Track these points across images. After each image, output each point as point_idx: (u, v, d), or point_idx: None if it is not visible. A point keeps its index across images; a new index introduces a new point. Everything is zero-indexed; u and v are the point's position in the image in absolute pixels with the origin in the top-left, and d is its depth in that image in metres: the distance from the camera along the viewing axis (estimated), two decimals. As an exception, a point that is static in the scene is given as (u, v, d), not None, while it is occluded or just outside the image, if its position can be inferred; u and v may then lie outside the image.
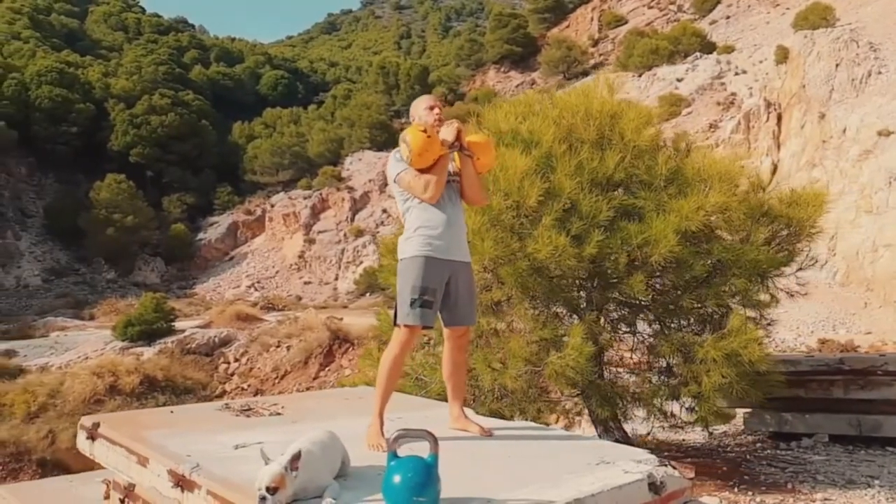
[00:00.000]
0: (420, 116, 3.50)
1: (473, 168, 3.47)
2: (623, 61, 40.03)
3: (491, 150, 3.56)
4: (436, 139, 3.28)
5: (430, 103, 3.57)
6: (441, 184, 3.32)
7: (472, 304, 3.48)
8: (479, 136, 3.65)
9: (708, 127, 32.51)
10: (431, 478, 2.26)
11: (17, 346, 26.29)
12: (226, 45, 75.12)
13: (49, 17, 64.13)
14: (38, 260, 40.99)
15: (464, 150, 3.41)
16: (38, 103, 43.99)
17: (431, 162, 3.29)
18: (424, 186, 3.28)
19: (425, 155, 3.25)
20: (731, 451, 6.12)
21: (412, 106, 3.63)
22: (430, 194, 3.28)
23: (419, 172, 3.29)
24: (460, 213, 3.47)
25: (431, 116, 3.46)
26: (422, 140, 3.23)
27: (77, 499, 3.37)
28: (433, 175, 3.30)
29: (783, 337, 13.97)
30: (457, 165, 3.47)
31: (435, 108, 3.53)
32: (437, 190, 3.31)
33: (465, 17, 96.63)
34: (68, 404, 19.86)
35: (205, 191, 46.68)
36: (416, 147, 3.24)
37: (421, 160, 3.27)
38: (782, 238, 5.11)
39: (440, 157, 3.30)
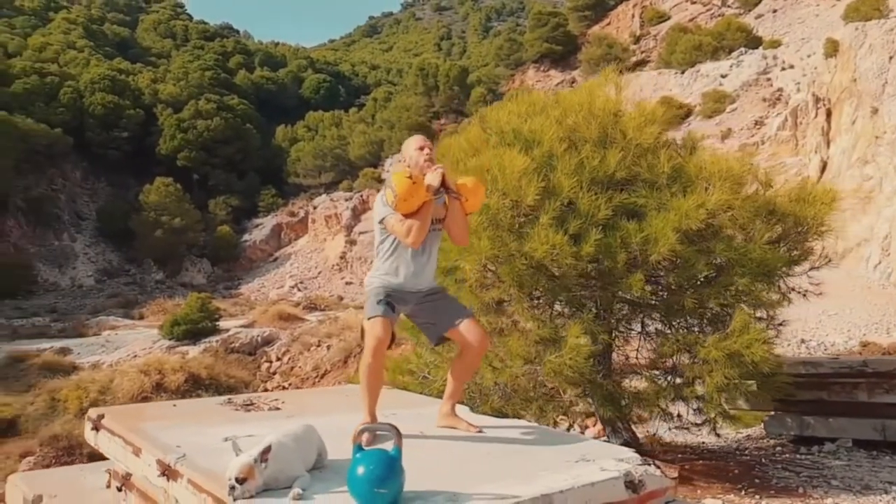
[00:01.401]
0: (410, 157, 3.55)
1: (462, 209, 3.52)
2: (665, 58, 39.41)
3: (479, 192, 3.61)
4: (420, 185, 3.33)
5: (420, 144, 3.59)
6: (424, 230, 3.38)
7: (454, 303, 3.55)
8: (468, 178, 3.69)
9: (753, 124, 31.78)
10: (394, 470, 2.33)
11: (71, 344, 27.33)
12: (269, 49, 76.55)
13: (102, 26, 66.37)
14: (92, 261, 42.48)
15: (451, 193, 3.46)
16: (91, 110, 45.62)
17: (416, 207, 3.34)
18: (407, 232, 3.35)
19: (410, 200, 3.31)
20: (746, 455, 6.03)
21: (403, 145, 3.68)
22: (411, 240, 3.36)
23: (404, 217, 3.35)
24: (432, 261, 3.56)
25: (421, 157, 3.50)
26: (406, 186, 3.28)
27: (83, 487, 3.55)
28: (416, 221, 3.35)
29: (833, 340, 13.56)
30: (442, 211, 3.52)
31: (425, 148, 3.56)
32: (420, 236, 3.37)
33: (506, 16, 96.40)
34: (117, 401, 20.53)
35: (249, 193, 47.68)
36: (400, 192, 3.29)
37: (405, 205, 3.33)
38: (792, 237, 5.01)
39: (424, 202, 3.35)
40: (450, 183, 3.47)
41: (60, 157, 43.81)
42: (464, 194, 3.49)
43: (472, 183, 3.58)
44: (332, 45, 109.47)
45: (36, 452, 15.87)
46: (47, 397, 19.95)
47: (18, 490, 3.51)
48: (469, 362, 3.47)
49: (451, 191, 3.47)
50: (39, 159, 41.55)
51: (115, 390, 20.75)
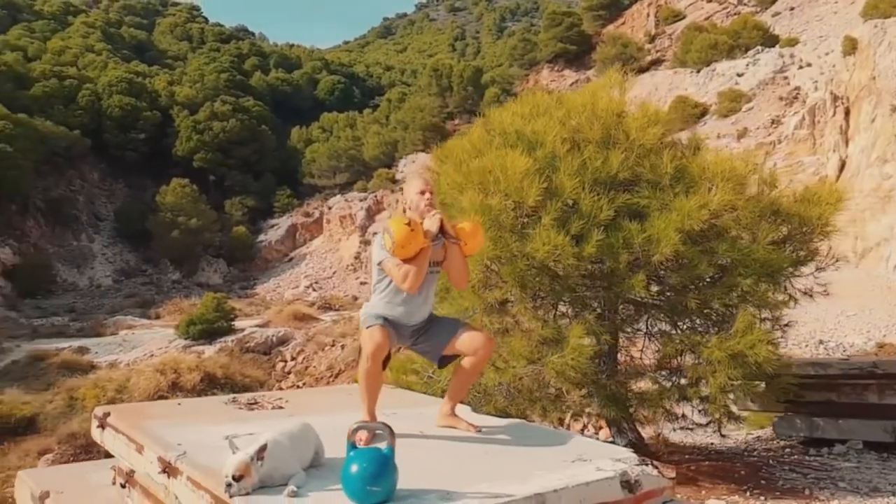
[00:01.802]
0: (411, 199, 3.57)
1: (461, 253, 3.53)
2: (681, 57, 39.17)
3: (478, 235, 3.62)
4: (418, 232, 3.35)
5: (421, 187, 3.58)
6: (421, 276, 3.40)
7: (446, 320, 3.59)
8: (467, 222, 3.70)
9: (770, 123, 31.49)
10: (387, 468, 2.36)
11: (89, 344, 27.64)
12: (284, 51, 76.97)
13: (119, 29, 67.09)
14: (110, 261, 42.96)
15: (449, 239, 3.48)
16: (109, 112, 46.18)
17: (413, 253, 3.37)
18: (403, 278, 3.37)
19: (407, 247, 3.33)
20: (754, 456, 6.00)
21: (405, 185, 3.69)
22: (408, 286, 3.38)
23: (401, 262, 3.37)
24: (428, 302, 3.58)
25: (422, 201, 3.51)
26: (404, 233, 3.31)
27: (89, 484, 3.61)
28: (413, 266, 3.37)
29: (851, 341, 13.40)
30: (441, 254, 3.53)
31: (426, 192, 3.56)
32: (416, 282, 3.39)
33: (520, 16, 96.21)
34: (134, 400, 20.71)
35: (265, 194, 48.00)
36: (398, 239, 3.31)
37: (403, 252, 3.35)
38: (797, 237, 4.97)
39: (422, 248, 3.37)
40: (448, 228, 3.48)
41: (79, 158, 44.39)
42: (462, 239, 3.50)
43: (470, 227, 3.59)
44: (347, 46, 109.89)
45: (54, 450, 16.06)
46: (66, 396, 20.18)
47: (26, 486, 3.59)
48: (474, 366, 3.49)
49: (449, 236, 3.48)
50: (58, 161, 42.13)
51: (132, 389, 20.96)
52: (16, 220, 38.29)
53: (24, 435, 17.60)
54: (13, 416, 18.12)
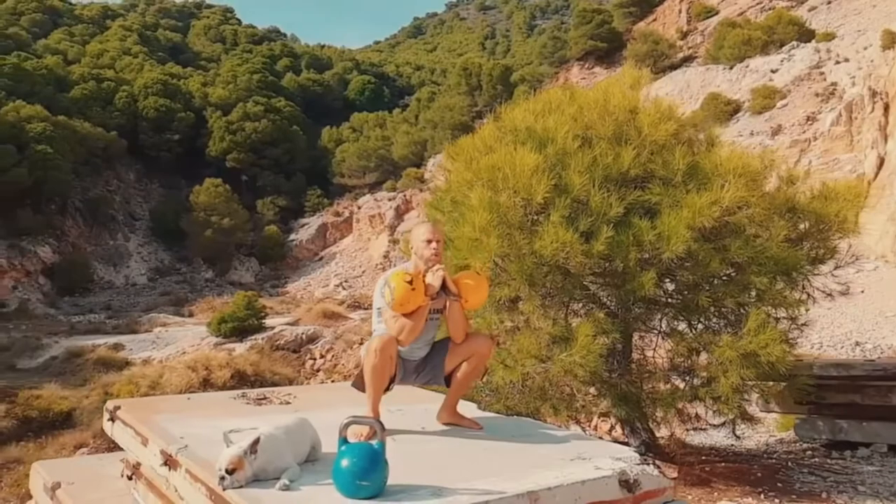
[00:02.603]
0: (417, 247, 3.53)
1: (461, 309, 3.52)
2: (713, 53, 38.53)
3: (481, 290, 3.58)
4: (419, 290, 3.34)
5: (428, 236, 3.53)
6: (416, 331, 3.40)
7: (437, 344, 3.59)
8: (469, 275, 3.66)
9: (805, 120, 30.81)
10: (377, 463, 2.38)
11: (124, 340, 28.24)
12: (316, 52, 77.66)
13: (155, 32, 68.41)
14: (145, 260, 43.84)
15: (450, 296, 3.46)
16: (144, 113, 47.13)
17: (412, 310, 3.37)
18: (399, 331, 3.37)
19: (406, 305, 3.34)
20: (773, 458, 5.88)
21: (412, 232, 3.65)
22: (402, 339, 3.39)
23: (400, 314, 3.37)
24: (428, 344, 3.57)
25: (428, 251, 3.48)
26: (404, 291, 3.30)
27: (100, 475, 3.70)
28: (410, 322, 3.37)
29: (890, 342, 13.04)
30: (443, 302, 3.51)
31: (433, 242, 3.51)
32: (411, 337, 3.40)
33: (550, 14, 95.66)
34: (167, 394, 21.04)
35: (296, 194, 48.51)
36: (398, 297, 3.31)
37: (402, 308, 3.36)
38: (814, 235, 4.86)
39: (421, 305, 3.38)
40: (450, 283, 3.46)
41: (116, 159, 45.40)
42: (464, 296, 3.48)
43: (473, 282, 3.55)
44: (378, 46, 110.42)
45: (90, 444, 16.44)
46: (101, 391, 20.64)
47: (40, 477, 3.70)
48: (474, 366, 3.49)
49: (450, 292, 3.47)
50: (96, 162, 43.14)
51: (164, 385, 21.37)
52: (56, 219, 39.28)
53: (61, 429, 18.04)
54: (51, 410, 18.57)
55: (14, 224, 35.74)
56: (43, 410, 18.36)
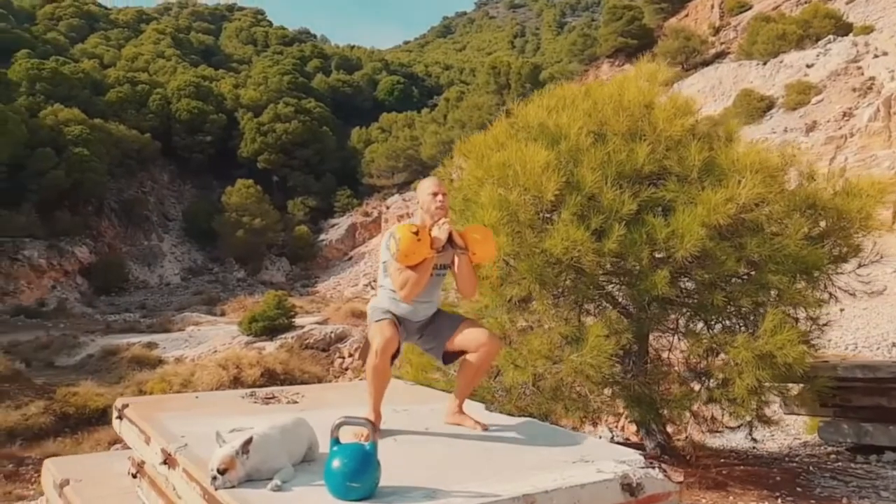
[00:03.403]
0: (423, 200, 3.51)
1: (469, 263, 3.46)
2: (746, 49, 37.81)
3: (489, 243, 3.52)
4: (425, 242, 3.30)
5: (434, 189, 3.53)
6: (420, 286, 3.35)
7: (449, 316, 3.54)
8: (476, 228, 3.61)
9: (841, 115, 30.06)
10: (368, 465, 2.35)
11: (157, 339, 28.75)
12: (345, 53, 78.16)
13: (188, 35, 69.52)
14: (178, 260, 44.58)
15: (458, 249, 3.41)
16: (177, 115, 47.91)
17: (417, 262, 3.32)
18: (402, 285, 3.34)
19: (411, 256, 3.29)
20: (795, 462, 5.72)
21: (418, 187, 3.63)
22: (404, 294, 3.35)
23: (404, 267, 3.33)
24: (433, 301, 3.53)
25: (434, 203, 3.45)
26: (409, 241, 3.26)
27: (108, 473, 3.74)
28: (414, 275, 3.33)
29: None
30: (450, 257, 3.47)
31: (438, 195, 3.50)
32: (414, 292, 3.36)
33: (581, 12, 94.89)
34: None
35: (326, 194, 48.88)
36: (403, 247, 3.27)
37: (406, 260, 3.31)
38: (836, 232, 4.70)
39: (426, 258, 3.33)
40: (456, 237, 3.42)
41: (150, 161, 46.23)
42: (471, 248, 3.42)
43: (480, 235, 3.50)
44: (407, 46, 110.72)
45: (122, 441, 16.72)
46: (135, 389, 21.04)
47: (50, 474, 3.75)
48: (478, 364, 3.43)
49: (457, 246, 3.42)
50: (131, 163, 43.98)
51: (196, 383, 21.68)
52: (92, 220, 40.16)
53: (97, 425, 18.40)
54: (87, 407, 18.94)
55: (53, 225, 36.63)
56: (79, 407, 18.77)
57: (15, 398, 18.81)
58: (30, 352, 26.36)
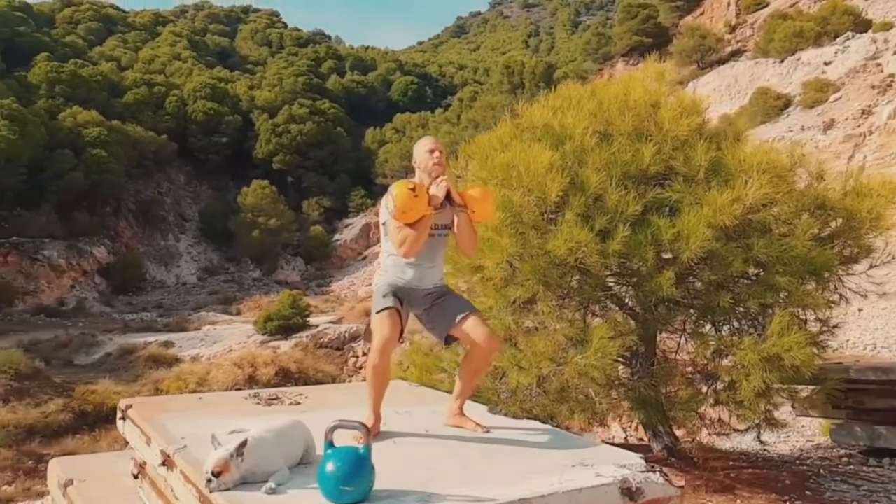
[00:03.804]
0: (420, 158, 3.50)
1: (469, 221, 3.44)
2: (763, 47, 37.42)
3: (488, 201, 3.50)
4: (422, 198, 3.27)
5: (430, 146, 3.51)
6: (419, 243, 3.32)
7: (458, 299, 3.51)
8: (476, 188, 3.59)
9: (860, 113, 29.67)
10: (361, 468, 2.34)
11: (174, 338, 29.00)
12: (360, 54, 78.34)
13: (204, 37, 70.02)
14: (195, 260, 44.95)
15: (456, 207, 3.40)
16: (194, 117, 48.27)
17: (415, 219, 3.29)
18: (401, 242, 3.31)
19: (409, 213, 3.26)
20: (806, 465, 5.65)
21: (415, 146, 3.61)
22: (404, 251, 3.32)
23: (404, 225, 3.31)
24: (438, 265, 3.51)
25: (430, 161, 3.44)
26: (407, 197, 3.24)
27: (112, 473, 3.77)
28: (413, 232, 3.29)
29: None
30: (451, 216, 3.45)
31: (435, 151, 3.48)
32: (413, 249, 3.32)
33: (595, 10, 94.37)
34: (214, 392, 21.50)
35: (340, 194, 49.06)
36: (400, 203, 3.24)
37: (404, 217, 3.28)
38: (845, 233, 4.63)
39: (424, 215, 3.30)
40: (455, 194, 3.40)
41: (166, 162, 46.67)
42: (470, 206, 3.40)
43: (479, 193, 3.48)
44: (421, 46, 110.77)
45: (135, 440, 16.89)
46: (152, 387, 21.23)
47: (55, 473, 3.79)
48: (477, 363, 3.42)
49: (456, 203, 3.40)
50: (148, 165, 44.41)
51: (212, 382, 21.84)
52: (110, 221, 40.60)
53: (114, 423, 18.54)
54: (105, 405, 19.13)
55: (71, 225, 37.07)
56: (97, 405, 18.99)
57: (35, 396, 19.04)
58: (49, 350, 26.70)
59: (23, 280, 34.38)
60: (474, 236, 3.53)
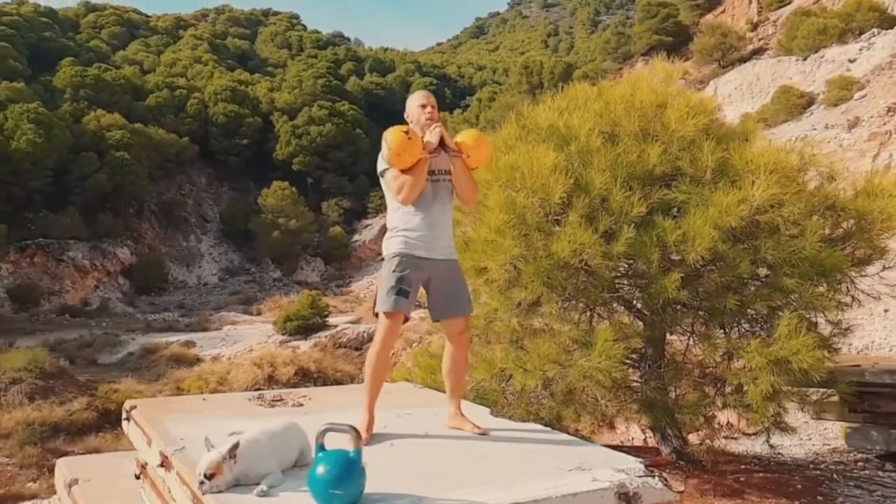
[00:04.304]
0: (412, 112, 3.55)
1: (465, 166, 3.43)
2: (786, 45, 36.90)
3: (482, 146, 3.49)
4: (416, 141, 3.28)
5: (422, 101, 3.55)
6: (417, 187, 3.31)
7: (462, 294, 3.49)
8: (468, 133, 3.58)
9: (886, 111, 29.13)
10: (351, 472, 2.34)
11: (195, 338, 29.29)
12: (378, 55, 78.56)
13: (225, 40, 70.70)
14: (216, 260, 45.39)
15: (451, 152, 3.39)
16: (214, 119, 48.76)
17: (411, 163, 3.29)
18: (399, 188, 3.30)
19: (403, 156, 3.25)
20: (819, 469, 5.55)
21: (408, 101, 3.66)
22: (402, 197, 3.31)
23: (400, 172, 3.32)
24: (446, 213, 3.47)
25: (423, 115, 3.48)
26: (401, 140, 3.23)
27: (116, 473, 3.81)
28: (410, 178, 3.28)
29: None
30: (449, 164, 3.46)
31: (427, 106, 3.51)
32: (411, 194, 3.31)
33: (615, 10, 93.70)
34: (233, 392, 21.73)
35: (359, 195, 49.23)
36: (394, 147, 3.24)
37: (399, 161, 3.28)
38: (856, 234, 4.54)
39: (420, 160, 3.29)
40: (449, 140, 3.41)
41: (188, 164, 47.21)
42: (464, 151, 3.39)
43: (472, 139, 3.47)
44: (440, 48, 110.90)
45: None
46: (173, 387, 21.47)
47: (61, 473, 3.85)
48: (455, 360, 3.44)
49: (450, 149, 3.40)
50: (170, 167, 44.96)
51: (232, 381, 22.03)
52: (133, 222, 41.15)
53: (136, 422, 18.77)
54: (128, 403, 19.33)
55: (95, 227, 37.64)
56: (120, 403, 19.14)
57: (59, 394, 19.31)
58: (74, 350, 27.12)
59: (48, 280, 34.96)
60: (472, 181, 3.53)
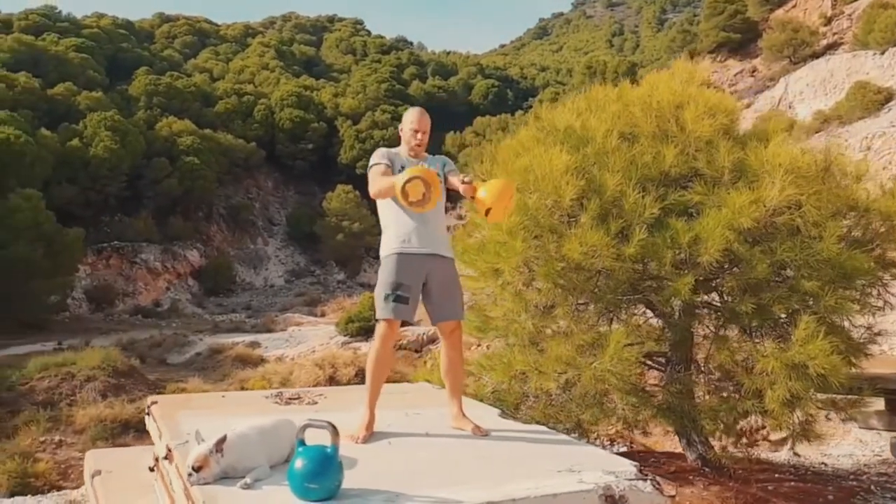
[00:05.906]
0: (405, 132, 3.55)
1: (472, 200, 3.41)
2: (862, 39, 35.16)
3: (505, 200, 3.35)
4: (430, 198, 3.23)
5: (415, 126, 3.58)
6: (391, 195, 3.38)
7: (456, 298, 3.50)
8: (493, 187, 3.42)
9: (972, 105, 27.44)
10: (328, 467, 2.41)
11: (261, 339, 30.10)
12: (441, 59, 79.02)
13: (291, 47, 72.53)
14: (282, 263, 46.62)
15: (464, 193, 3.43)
16: (281, 125, 50.12)
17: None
18: (378, 191, 3.45)
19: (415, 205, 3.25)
20: (858, 480, 5.30)
21: (405, 113, 3.67)
22: (375, 194, 3.38)
23: (385, 173, 3.34)
24: (439, 208, 3.49)
25: (414, 140, 3.50)
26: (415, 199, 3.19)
27: (138, 465, 3.99)
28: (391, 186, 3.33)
29: None
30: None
31: (419, 133, 3.57)
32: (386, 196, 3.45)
33: (682, 7, 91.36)
34: (295, 392, 22.17)
35: (421, 199, 49.61)
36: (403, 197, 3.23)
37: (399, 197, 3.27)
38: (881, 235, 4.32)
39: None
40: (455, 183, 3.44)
41: (255, 168, 48.69)
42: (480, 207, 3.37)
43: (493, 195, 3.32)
44: (502, 50, 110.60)
45: (227, 435, 17.79)
46: (238, 386, 22.09)
47: (88, 464, 4.08)
48: (449, 359, 3.46)
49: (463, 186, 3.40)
50: (237, 171, 46.47)
51: (294, 382, 22.53)
52: (202, 225, 42.73)
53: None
54: (195, 403, 20.02)
55: (167, 230, 39.28)
56: (186, 403, 19.90)
57: (130, 392, 20.18)
58: (145, 349, 28.28)
59: (122, 282, 36.67)
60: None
